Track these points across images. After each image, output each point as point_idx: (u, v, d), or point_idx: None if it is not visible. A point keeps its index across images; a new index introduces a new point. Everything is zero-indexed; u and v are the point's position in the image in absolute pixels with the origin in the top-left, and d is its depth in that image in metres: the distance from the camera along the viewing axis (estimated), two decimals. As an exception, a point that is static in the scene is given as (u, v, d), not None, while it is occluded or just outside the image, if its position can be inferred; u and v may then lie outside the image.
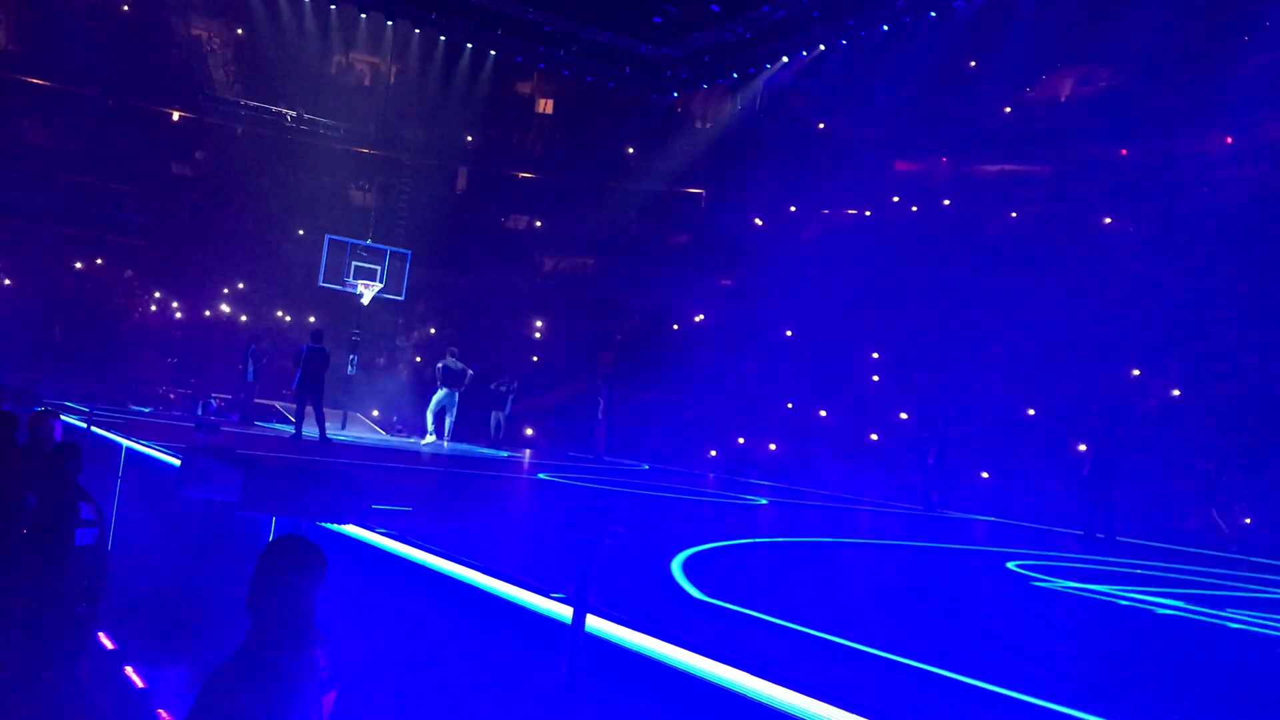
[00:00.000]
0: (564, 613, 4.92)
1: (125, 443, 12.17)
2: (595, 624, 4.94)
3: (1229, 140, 25.35)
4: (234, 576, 6.69)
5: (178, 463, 8.76)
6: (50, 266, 28.88)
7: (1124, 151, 27.18)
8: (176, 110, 32.61)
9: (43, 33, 30.02)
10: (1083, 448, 18.88)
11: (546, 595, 5.60)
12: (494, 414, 22.68)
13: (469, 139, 35.71)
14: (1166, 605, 9.00)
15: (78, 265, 30.33)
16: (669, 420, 27.86)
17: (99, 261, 31.09)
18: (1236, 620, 8.45)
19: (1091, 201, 26.53)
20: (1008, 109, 30.30)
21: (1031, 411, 22.51)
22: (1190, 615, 8.61)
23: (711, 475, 23.20)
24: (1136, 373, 22.17)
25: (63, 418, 10.07)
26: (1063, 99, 29.61)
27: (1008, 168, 29.79)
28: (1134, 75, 26.74)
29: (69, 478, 7.65)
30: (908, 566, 11.20)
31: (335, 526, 6.93)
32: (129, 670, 7.87)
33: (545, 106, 38.12)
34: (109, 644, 8.43)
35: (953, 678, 5.15)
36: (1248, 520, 17.59)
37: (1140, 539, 16.49)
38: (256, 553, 3.93)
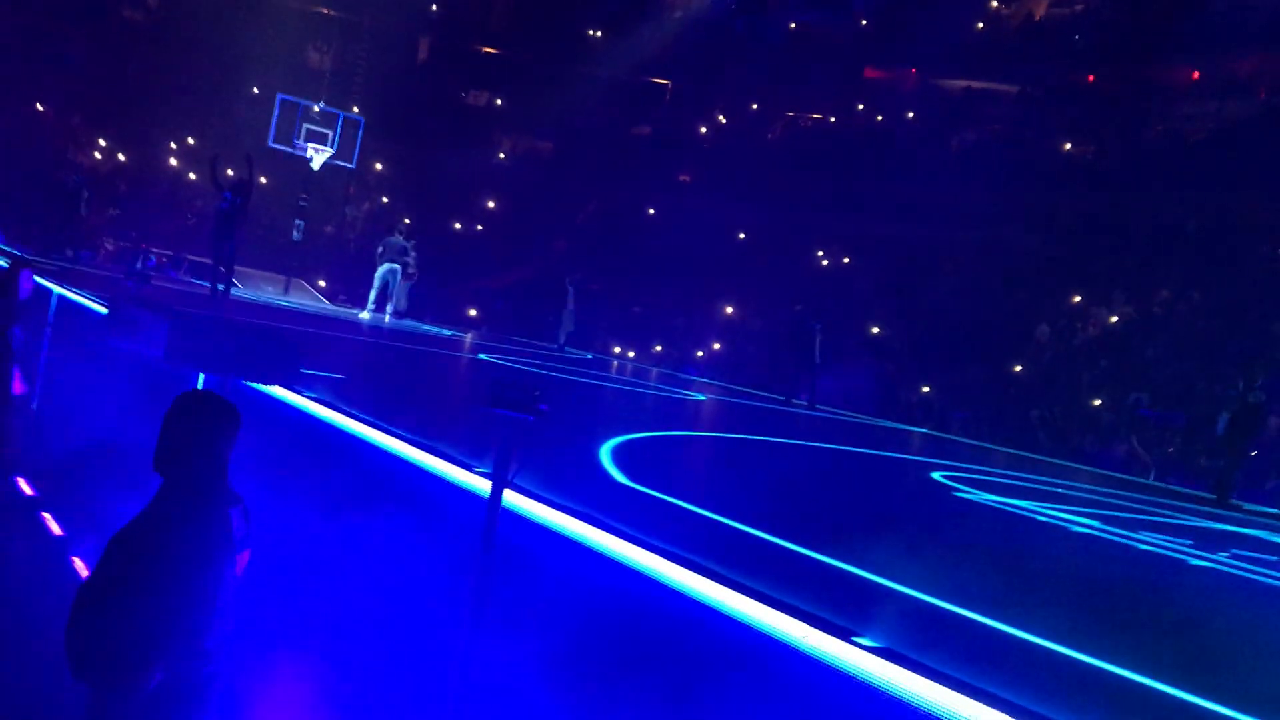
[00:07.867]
0: (484, 486, 4.91)
1: (56, 289, 11.89)
2: (515, 500, 4.94)
3: (1195, 75, 25.38)
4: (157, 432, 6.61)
5: (105, 311, 8.58)
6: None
7: (1091, 78, 27.10)
8: (129, -49, 31.32)
9: None
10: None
11: (470, 469, 5.58)
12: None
13: (433, 7, 34.73)
14: (1082, 524, 9.23)
15: (19, 107, 29.24)
16: (617, 312, 27.81)
17: (40, 107, 30.01)
18: (1145, 542, 8.70)
19: (1055, 125, 26.51)
20: (980, 24, 29.99)
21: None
22: (1102, 533, 8.84)
23: (655, 369, 23.26)
24: (1078, 299, 22.44)
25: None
26: (1036, 18, 29.37)
27: (975, 84, 29.60)
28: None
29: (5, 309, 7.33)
30: (835, 469, 11.37)
31: (262, 387, 6.83)
32: (46, 516, 7.80)
33: (513, -20, 37.06)
34: (28, 490, 8.34)
35: (848, 570, 5.25)
36: (1170, 450, 18.04)
37: (1074, 463, 16.85)
38: (178, 409, 3.79)
